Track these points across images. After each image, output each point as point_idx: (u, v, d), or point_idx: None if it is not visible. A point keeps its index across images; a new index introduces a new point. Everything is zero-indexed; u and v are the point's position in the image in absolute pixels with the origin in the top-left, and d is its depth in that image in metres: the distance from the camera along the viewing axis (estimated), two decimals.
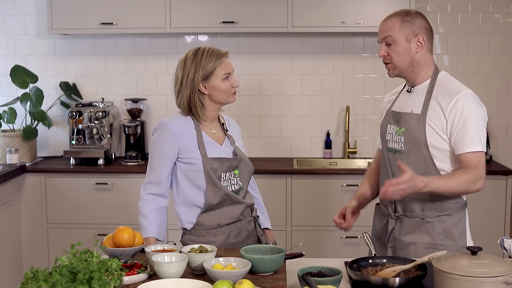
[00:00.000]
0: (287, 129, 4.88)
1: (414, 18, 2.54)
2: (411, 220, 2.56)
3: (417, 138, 2.50)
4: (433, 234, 2.53)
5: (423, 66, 2.56)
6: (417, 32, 2.52)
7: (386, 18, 2.58)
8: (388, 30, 2.54)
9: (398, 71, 2.57)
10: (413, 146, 2.52)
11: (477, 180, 2.43)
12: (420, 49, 2.53)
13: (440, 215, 2.53)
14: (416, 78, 2.58)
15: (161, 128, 2.61)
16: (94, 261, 1.76)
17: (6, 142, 4.56)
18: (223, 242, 2.61)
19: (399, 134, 2.57)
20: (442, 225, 2.52)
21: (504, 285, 1.86)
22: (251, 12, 4.45)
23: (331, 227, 4.41)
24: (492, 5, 4.73)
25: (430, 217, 2.53)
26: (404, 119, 2.56)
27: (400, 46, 2.53)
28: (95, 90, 4.89)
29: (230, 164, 2.63)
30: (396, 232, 2.60)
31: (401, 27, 2.52)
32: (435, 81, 2.55)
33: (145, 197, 2.62)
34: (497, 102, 4.81)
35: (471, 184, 2.42)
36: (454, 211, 2.54)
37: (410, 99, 2.59)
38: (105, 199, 4.40)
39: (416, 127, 2.51)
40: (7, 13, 4.84)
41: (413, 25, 2.52)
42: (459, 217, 2.55)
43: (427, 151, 2.49)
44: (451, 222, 2.53)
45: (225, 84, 2.60)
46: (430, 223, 2.53)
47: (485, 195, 4.26)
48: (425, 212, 2.54)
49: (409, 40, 2.52)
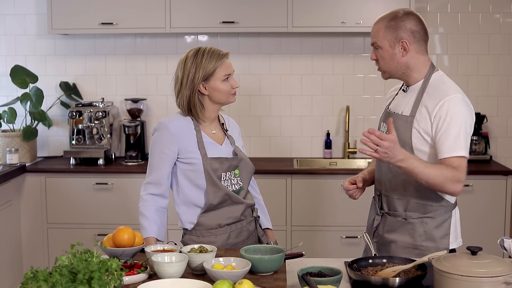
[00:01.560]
0: (287, 129, 4.88)
1: (399, 22, 2.50)
2: (394, 219, 2.58)
3: (403, 139, 2.50)
4: (415, 235, 2.54)
5: (413, 68, 2.54)
6: (401, 37, 2.49)
7: (376, 21, 2.58)
8: (374, 36, 2.55)
9: (388, 75, 2.59)
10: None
11: (456, 182, 2.40)
12: (406, 54, 2.51)
13: (422, 217, 2.53)
14: (408, 79, 2.58)
15: (161, 129, 2.61)
16: (94, 261, 1.76)
17: (6, 142, 4.56)
18: (224, 242, 2.61)
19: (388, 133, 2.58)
20: (424, 227, 2.53)
21: (504, 285, 1.86)
22: (251, 12, 4.45)
23: (331, 227, 4.45)
24: (492, 5, 4.73)
25: (412, 218, 2.54)
26: (393, 119, 2.56)
27: (385, 52, 2.53)
28: (95, 90, 4.89)
29: (230, 164, 2.63)
30: (380, 229, 2.64)
31: (384, 33, 2.51)
32: (428, 82, 2.54)
33: (145, 197, 2.62)
34: (497, 102, 4.81)
35: (449, 182, 2.39)
36: (438, 214, 2.53)
37: (404, 99, 2.59)
38: (105, 199, 4.40)
39: (403, 129, 2.51)
40: (7, 13, 4.84)
41: (396, 30, 2.50)
42: (442, 220, 2.53)
43: (411, 153, 2.48)
44: (433, 224, 2.52)
45: (225, 85, 2.60)
46: (411, 223, 2.54)
47: (485, 195, 4.27)
48: (407, 212, 2.55)
49: (393, 46, 2.51)
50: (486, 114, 4.75)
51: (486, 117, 4.74)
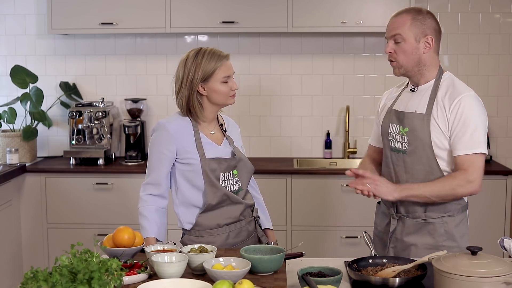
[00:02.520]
0: (287, 129, 4.88)
1: (425, 17, 2.51)
2: (413, 221, 2.56)
3: (421, 138, 2.49)
4: (435, 235, 2.52)
5: (428, 67, 2.54)
6: (427, 33, 2.50)
7: (397, 14, 2.55)
8: (398, 27, 2.50)
9: (404, 70, 2.55)
10: (417, 146, 2.51)
11: (467, 184, 2.41)
12: (428, 50, 2.51)
13: (443, 216, 2.52)
14: (420, 78, 2.56)
15: (159, 129, 2.61)
16: (94, 261, 1.76)
17: (6, 142, 4.56)
18: (223, 242, 2.61)
19: (402, 134, 2.55)
20: (444, 226, 2.52)
21: (504, 285, 1.86)
22: (251, 12, 4.45)
23: (331, 227, 4.45)
24: (492, 5, 4.73)
25: (432, 218, 2.53)
26: (408, 119, 2.54)
27: (409, 45, 2.50)
28: (95, 90, 4.89)
29: (228, 164, 2.63)
30: (398, 233, 2.60)
31: (411, 26, 2.49)
32: (440, 81, 2.53)
33: (145, 197, 2.62)
34: (497, 102, 4.81)
35: (459, 187, 2.42)
36: (456, 213, 2.53)
37: (414, 99, 2.57)
38: (105, 199, 4.40)
39: (421, 127, 2.49)
40: (7, 13, 4.84)
41: (423, 24, 2.49)
42: (460, 218, 2.54)
43: (431, 151, 2.48)
44: (453, 223, 2.52)
45: (224, 87, 2.60)
46: (432, 224, 2.53)
47: (485, 195, 4.27)
48: (427, 213, 2.53)
49: (418, 39, 2.50)
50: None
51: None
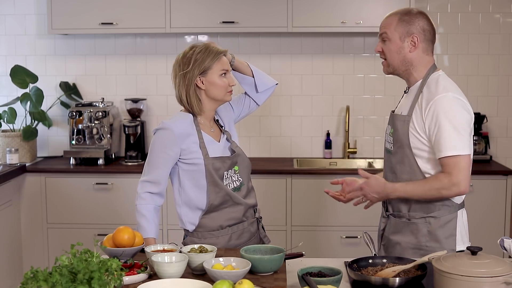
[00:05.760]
0: (287, 129, 4.88)
1: (413, 18, 2.54)
2: (399, 220, 2.59)
3: (402, 139, 2.53)
4: (418, 235, 2.54)
5: (416, 67, 2.56)
6: (412, 32, 2.53)
7: (388, 15, 2.61)
8: (385, 27, 2.58)
9: (392, 69, 2.61)
10: (399, 147, 2.55)
11: (452, 186, 2.41)
12: (414, 49, 2.54)
13: (425, 217, 2.53)
14: (409, 78, 2.60)
15: (165, 129, 2.59)
16: (94, 261, 1.76)
17: (6, 142, 4.56)
18: (225, 244, 2.61)
19: (390, 135, 2.62)
20: (427, 227, 2.53)
21: (504, 285, 1.86)
22: (251, 12, 4.45)
23: (331, 227, 4.45)
24: (492, 5, 4.73)
25: (415, 218, 2.55)
26: (393, 120, 2.61)
27: (394, 44, 2.55)
28: (95, 90, 4.89)
29: (231, 162, 2.66)
30: (386, 231, 2.65)
31: (397, 26, 2.54)
32: (425, 82, 2.55)
33: (143, 195, 2.62)
34: (497, 102, 4.81)
35: (443, 190, 2.43)
36: (441, 214, 2.53)
37: (405, 101, 2.63)
38: (105, 199, 4.40)
39: (402, 129, 2.54)
40: (7, 13, 4.84)
41: (409, 24, 2.53)
42: (447, 220, 2.53)
43: (410, 152, 2.51)
44: (437, 224, 2.52)
45: (222, 81, 2.61)
46: (415, 224, 2.55)
47: (485, 195, 4.27)
48: (411, 212, 2.56)
49: (403, 39, 2.54)
50: (486, 114, 4.75)
51: (486, 117, 4.74)
